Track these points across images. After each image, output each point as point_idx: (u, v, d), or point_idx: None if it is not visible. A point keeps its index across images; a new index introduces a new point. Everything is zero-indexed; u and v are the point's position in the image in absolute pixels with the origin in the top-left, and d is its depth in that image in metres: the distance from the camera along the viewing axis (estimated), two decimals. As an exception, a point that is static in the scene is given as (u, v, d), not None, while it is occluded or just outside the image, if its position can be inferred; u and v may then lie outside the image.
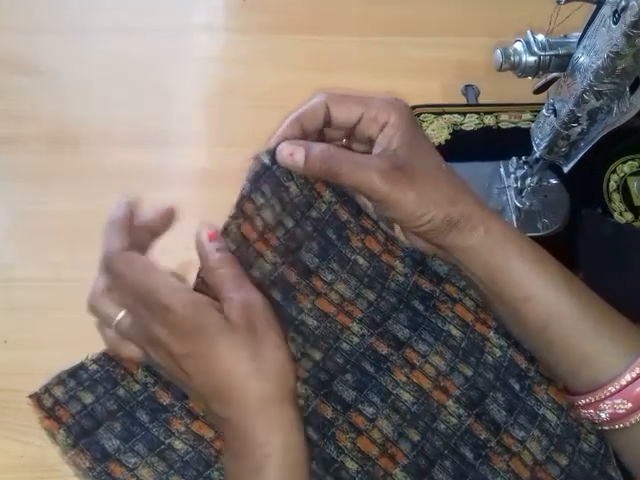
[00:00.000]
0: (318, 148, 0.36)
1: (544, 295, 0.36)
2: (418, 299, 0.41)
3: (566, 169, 0.47)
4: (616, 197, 0.55)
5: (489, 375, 0.40)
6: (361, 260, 0.41)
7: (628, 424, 0.35)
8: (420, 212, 0.36)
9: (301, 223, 0.39)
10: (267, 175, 0.37)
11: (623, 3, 0.34)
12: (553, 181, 0.54)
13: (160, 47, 0.64)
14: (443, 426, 0.39)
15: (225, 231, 0.38)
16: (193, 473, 0.37)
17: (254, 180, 0.37)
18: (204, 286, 0.37)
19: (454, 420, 0.39)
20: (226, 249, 0.36)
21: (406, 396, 0.39)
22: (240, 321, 0.34)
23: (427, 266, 0.42)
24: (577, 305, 0.36)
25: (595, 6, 0.38)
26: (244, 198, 0.37)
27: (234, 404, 0.34)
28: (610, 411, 0.36)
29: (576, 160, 0.45)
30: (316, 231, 0.40)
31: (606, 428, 0.37)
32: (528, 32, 0.41)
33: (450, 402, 0.39)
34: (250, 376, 0.34)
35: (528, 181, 0.53)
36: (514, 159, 0.54)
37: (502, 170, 0.55)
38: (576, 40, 0.40)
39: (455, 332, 0.41)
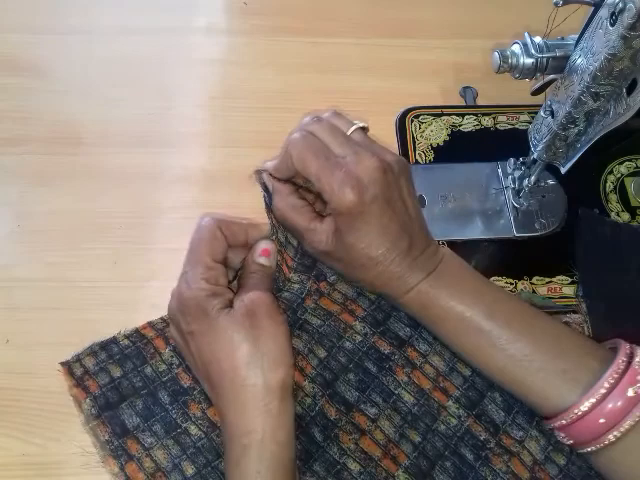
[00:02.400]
0: (277, 197, 0.39)
1: (478, 350, 0.37)
2: None
3: (563, 170, 0.47)
4: (613, 198, 0.55)
5: (487, 374, 0.40)
6: None
7: (582, 452, 0.36)
8: (346, 274, 0.40)
9: None
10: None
11: (620, 5, 0.34)
12: (550, 182, 0.54)
13: (161, 48, 0.64)
14: (443, 427, 0.39)
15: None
16: (203, 461, 0.37)
17: (266, 189, 0.39)
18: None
19: (454, 421, 0.39)
20: (268, 266, 0.39)
21: (407, 396, 0.40)
22: (240, 309, 0.36)
23: None
24: (520, 349, 0.36)
25: (592, 8, 0.38)
26: (268, 208, 0.39)
27: (223, 387, 0.35)
28: (560, 439, 0.37)
29: (573, 161, 0.46)
30: None
31: None
32: (525, 34, 0.42)
33: (450, 403, 0.40)
34: (242, 361, 0.34)
35: (526, 182, 0.53)
36: (512, 160, 0.55)
37: (500, 171, 0.56)
38: (573, 42, 0.40)
39: None
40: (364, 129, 0.39)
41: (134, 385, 0.39)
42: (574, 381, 0.35)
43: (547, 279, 0.51)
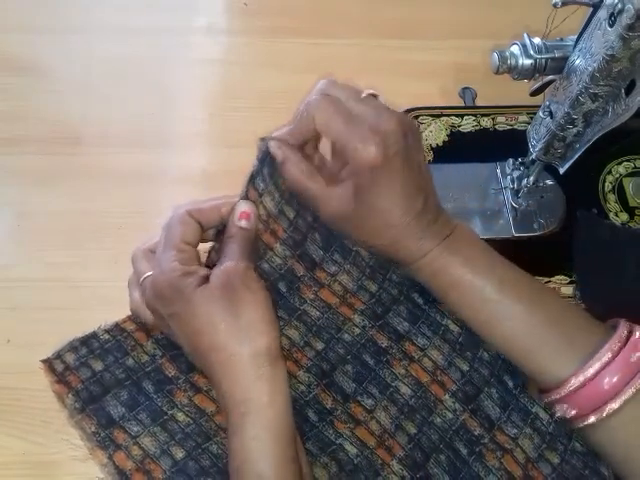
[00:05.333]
0: (289, 165, 0.38)
1: (486, 320, 0.38)
2: (418, 292, 0.42)
3: (562, 170, 0.47)
4: (611, 198, 0.56)
5: (484, 371, 0.40)
6: (363, 251, 0.41)
7: (581, 425, 0.36)
8: (361, 240, 0.40)
9: (301, 213, 0.40)
10: (270, 157, 0.38)
11: (619, 6, 0.34)
12: (549, 182, 0.55)
13: (161, 49, 0.64)
14: (439, 420, 0.39)
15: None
16: (192, 444, 0.38)
17: (262, 160, 0.38)
18: (215, 255, 0.39)
19: (450, 415, 0.39)
20: (247, 229, 0.38)
21: (404, 389, 0.40)
22: (216, 282, 0.36)
23: None
24: (527, 321, 0.37)
25: (591, 9, 0.38)
26: (251, 180, 0.38)
27: (212, 361, 0.35)
28: (560, 414, 0.37)
29: (572, 161, 0.46)
30: (317, 222, 0.40)
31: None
32: (525, 35, 0.42)
33: (446, 396, 0.40)
34: (225, 333, 0.35)
35: (524, 182, 0.53)
36: (510, 160, 0.55)
37: (499, 171, 0.56)
38: (572, 43, 0.41)
39: (453, 327, 0.41)
40: (375, 96, 0.40)
41: (117, 377, 0.39)
42: (579, 350, 0.36)
43: (546, 279, 0.51)
